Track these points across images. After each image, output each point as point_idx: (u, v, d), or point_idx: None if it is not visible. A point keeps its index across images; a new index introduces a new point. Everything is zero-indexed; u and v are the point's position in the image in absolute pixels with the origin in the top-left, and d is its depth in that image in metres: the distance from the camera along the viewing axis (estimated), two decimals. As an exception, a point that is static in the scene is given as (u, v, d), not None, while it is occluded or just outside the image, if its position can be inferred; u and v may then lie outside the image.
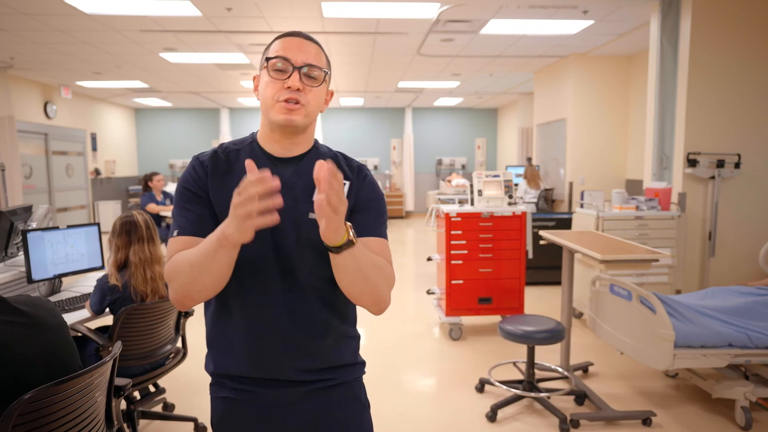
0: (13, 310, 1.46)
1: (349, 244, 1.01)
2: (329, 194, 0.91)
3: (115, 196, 11.77)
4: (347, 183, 1.20)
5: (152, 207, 6.35)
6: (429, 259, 4.58)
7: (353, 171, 1.23)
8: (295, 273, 1.14)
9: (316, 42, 1.19)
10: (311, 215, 1.14)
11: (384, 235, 1.22)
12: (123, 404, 2.57)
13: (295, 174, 1.18)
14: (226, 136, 12.87)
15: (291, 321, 1.15)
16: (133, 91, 10.27)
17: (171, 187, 9.20)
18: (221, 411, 1.23)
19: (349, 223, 1.03)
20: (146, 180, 6.58)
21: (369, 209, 1.21)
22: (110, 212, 10.86)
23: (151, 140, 13.25)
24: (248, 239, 0.95)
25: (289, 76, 1.12)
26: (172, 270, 1.07)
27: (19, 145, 8.25)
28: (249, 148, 1.22)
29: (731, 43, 4.32)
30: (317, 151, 1.24)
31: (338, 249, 1.01)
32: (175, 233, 1.13)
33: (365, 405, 1.29)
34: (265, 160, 1.19)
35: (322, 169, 0.91)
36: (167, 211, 6.50)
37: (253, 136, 1.25)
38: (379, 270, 1.12)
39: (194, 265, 1.03)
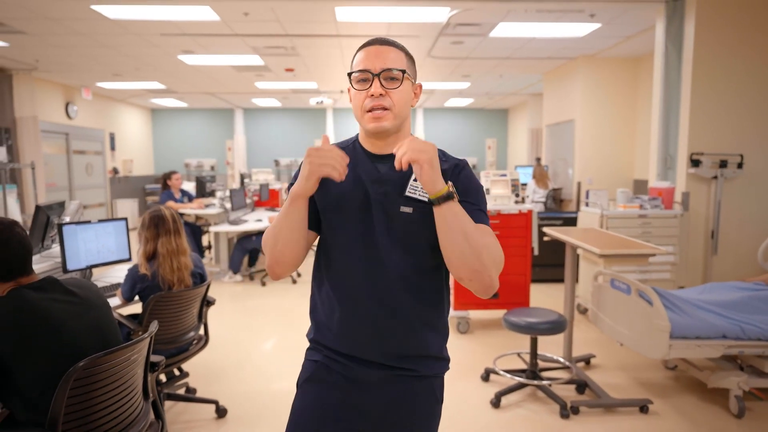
0: (66, 291, 1.66)
1: (449, 196, 1.11)
2: (409, 144, 1.09)
3: (133, 194, 12.05)
4: None
5: (171, 204, 6.57)
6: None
7: (450, 165, 1.28)
8: (385, 262, 1.23)
9: (393, 44, 1.27)
10: (403, 208, 1.24)
11: (486, 223, 1.24)
12: (151, 385, 2.76)
13: (391, 169, 1.26)
14: (240, 136, 13.12)
15: (380, 307, 1.25)
16: (151, 92, 10.54)
17: (187, 186, 9.46)
18: (310, 372, 1.34)
19: (450, 182, 1.14)
20: (165, 178, 6.81)
21: (468, 198, 1.25)
22: (128, 210, 11.13)
23: (167, 140, 13.54)
24: (312, 188, 1.13)
25: (370, 85, 1.22)
26: (264, 242, 1.25)
27: (42, 144, 8.54)
28: (353, 146, 1.34)
29: (734, 46, 4.43)
30: None
31: (438, 200, 1.11)
32: None
33: (439, 400, 1.36)
34: (365, 157, 1.31)
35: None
36: (185, 209, 6.72)
37: (357, 137, 1.37)
38: (487, 237, 1.17)
39: (275, 227, 1.21)
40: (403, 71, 1.24)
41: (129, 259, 3.32)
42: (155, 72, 8.44)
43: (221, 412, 3.01)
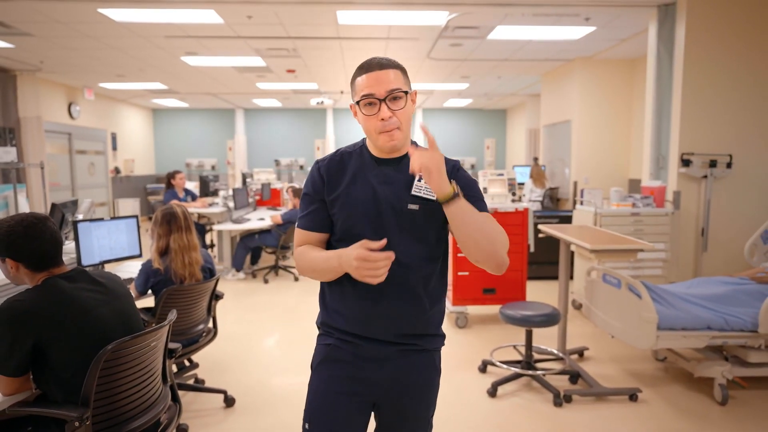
0: (94, 281, 1.79)
1: (456, 195, 1.27)
2: (420, 156, 1.25)
3: (134, 193, 12.17)
4: None
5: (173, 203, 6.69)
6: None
7: (449, 167, 1.42)
8: (396, 251, 1.30)
9: (389, 65, 1.38)
10: (410, 206, 1.39)
11: (487, 211, 1.40)
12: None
13: (397, 171, 1.42)
14: (240, 136, 13.25)
15: (391, 292, 1.39)
16: (152, 92, 10.66)
17: (190, 185, 9.58)
18: (323, 354, 1.48)
19: (454, 181, 1.31)
20: (169, 178, 6.94)
21: (468, 193, 1.39)
22: (129, 209, 11.25)
23: (168, 140, 13.66)
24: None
25: (378, 109, 1.36)
26: (299, 259, 1.45)
27: (45, 144, 8.65)
28: (360, 151, 1.48)
29: (723, 50, 4.57)
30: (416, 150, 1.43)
31: (447, 200, 1.27)
32: (299, 226, 1.48)
33: (438, 371, 1.54)
34: (371, 161, 1.45)
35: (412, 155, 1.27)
36: (188, 208, 6.84)
37: (363, 141, 1.50)
38: (492, 223, 1.34)
39: (315, 271, 1.41)
40: (405, 92, 1.38)
41: (140, 255, 3.46)
42: (158, 73, 8.56)
43: (230, 402, 3.14)
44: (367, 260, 1.24)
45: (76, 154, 9.93)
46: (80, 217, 3.51)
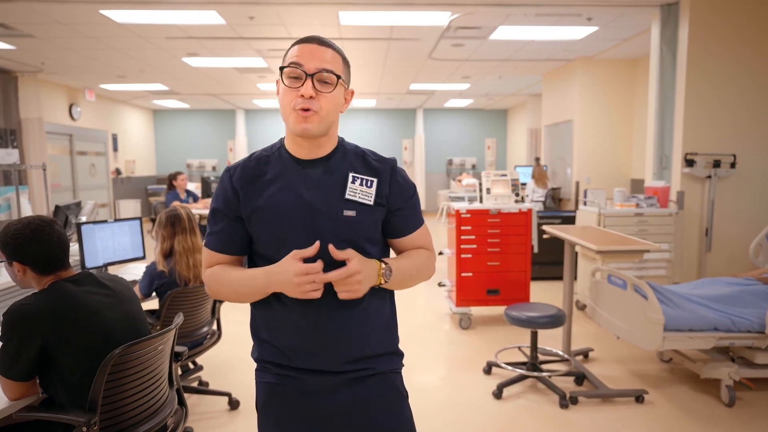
0: (101, 284, 1.78)
1: (384, 283, 1.22)
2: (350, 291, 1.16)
3: (135, 195, 12.17)
4: (375, 180, 1.25)
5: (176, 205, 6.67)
6: (440, 253, 4.84)
7: (385, 166, 1.28)
8: (335, 264, 1.16)
9: (331, 46, 1.22)
10: (346, 212, 1.21)
11: (422, 221, 1.36)
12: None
13: (325, 173, 1.23)
14: (241, 136, 13.24)
15: (329, 311, 1.21)
16: (153, 93, 10.65)
17: (191, 186, 9.57)
18: (265, 396, 1.29)
19: (381, 265, 1.22)
20: (171, 179, 6.92)
21: (408, 205, 1.30)
22: (130, 210, 11.24)
23: (168, 141, 13.65)
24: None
25: (302, 84, 1.17)
26: (211, 281, 1.26)
27: (46, 145, 8.64)
28: (278, 153, 1.27)
29: (726, 49, 4.56)
30: (343, 149, 1.28)
31: (378, 287, 1.23)
32: (206, 246, 1.29)
33: (403, 395, 1.32)
34: (293, 164, 1.24)
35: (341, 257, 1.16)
36: (190, 209, 6.82)
37: (281, 142, 1.30)
38: (421, 268, 1.33)
39: (237, 293, 1.24)
40: (339, 76, 1.20)
41: (143, 258, 3.45)
42: (159, 74, 8.55)
43: (234, 404, 3.13)
44: (309, 273, 1.11)
45: (77, 155, 9.93)
46: (83, 219, 3.50)
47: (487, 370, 3.58)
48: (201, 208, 6.98)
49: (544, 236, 3.98)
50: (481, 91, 10.73)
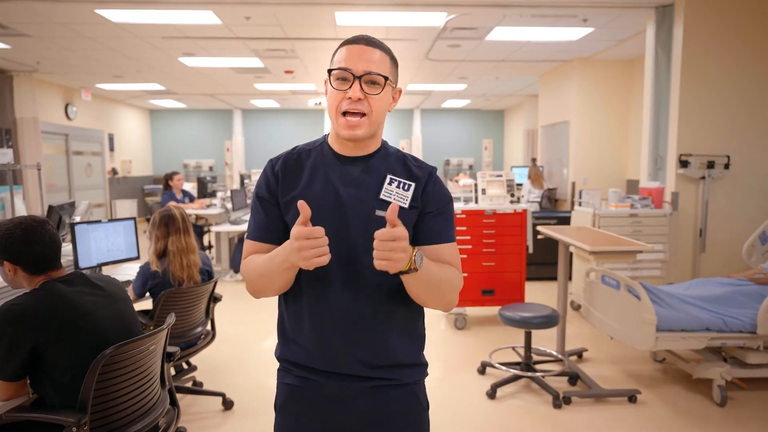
0: (92, 284, 1.78)
1: (412, 270, 1.07)
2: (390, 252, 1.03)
3: (131, 194, 12.15)
4: (412, 184, 1.22)
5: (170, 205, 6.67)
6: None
7: (423, 173, 1.25)
8: (362, 264, 1.16)
9: (379, 46, 1.19)
10: (378, 212, 1.18)
11: (454, 238, 1.26)
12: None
13: (364, 172, 1.22)
14: (238, 137, 13.23)
15: (356, 315, 1.19)
16: (150, 93, 10.64)
17: (188, 186, 9.56)
18: (284, 397, 1.29)
19: (415, 250, 1.08)
20: (167, 179, 6.92)
21: (439, 211, 1.24)
22: (126, 210, 11.22)
23: (165, 141, 13.64)
24: (311, 269, 1.07)
25: (350, 86, 1.15)
26: (245, 271, 1.24)
27: (42, 145, 8.63)
28: (320, 148, 1.27)
29: (721, 51, 4.58)
30: (385, 152, 1.27)
31: (403, 273, 1.08)
32: (248, 237, 1.27)
33: (424, 407, 1.30)
34: (333, 159, 1.24)
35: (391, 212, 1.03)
36: (186, 209, 6.82)
37: (325, 137, 1.29)
38: (448, 282, 1.19)
39: (263, 276, 1.19)
40: (386, 78, 1.17)
41: (137, 258, 3.44)
42: (156, 74, 8.55)
43: (228, 405, 3.13)
44: (310, 237, 1.03)
45: (72, 155, 9.91)
46: (77, 219, 3.50)
47: (482, 371, 3.59)
48: (197, 209, 6.98)
49: (539, 237, 3.99)
50: (478, 92, 10.74)
